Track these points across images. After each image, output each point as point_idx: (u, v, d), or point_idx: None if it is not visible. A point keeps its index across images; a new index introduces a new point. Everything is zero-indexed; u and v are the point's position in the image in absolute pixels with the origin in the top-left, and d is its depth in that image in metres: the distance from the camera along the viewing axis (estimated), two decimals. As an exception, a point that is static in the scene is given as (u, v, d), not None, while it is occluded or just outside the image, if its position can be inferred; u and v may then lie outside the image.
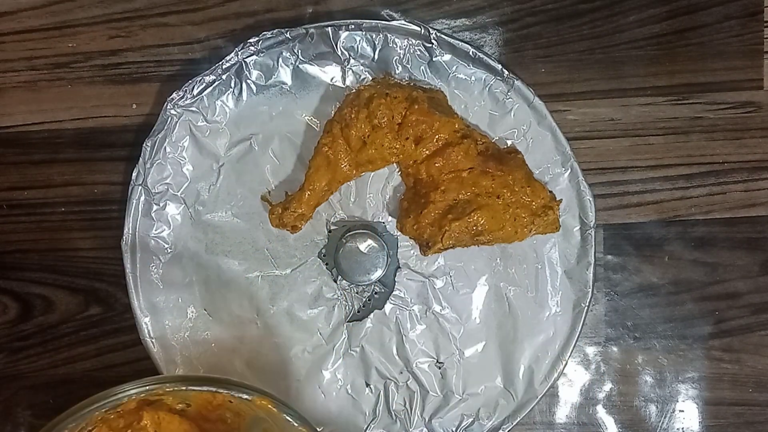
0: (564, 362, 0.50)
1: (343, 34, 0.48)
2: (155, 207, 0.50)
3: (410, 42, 0.49)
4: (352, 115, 0.47)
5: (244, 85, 0.49)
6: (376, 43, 0.49)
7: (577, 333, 0.50)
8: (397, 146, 0.47)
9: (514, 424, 0.50)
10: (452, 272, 0.51)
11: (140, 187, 0.49)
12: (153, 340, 0.50)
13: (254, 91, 0.49)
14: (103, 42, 0.52)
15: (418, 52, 0.49)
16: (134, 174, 0.49)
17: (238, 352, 0.51)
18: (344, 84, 0.50)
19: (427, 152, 0.48)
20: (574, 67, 0.51)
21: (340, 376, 0.51)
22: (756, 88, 0.51)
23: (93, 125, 0.52)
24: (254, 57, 0.49)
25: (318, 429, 0.51)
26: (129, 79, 0.52)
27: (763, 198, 0.52)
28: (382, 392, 0.51)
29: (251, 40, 0.48)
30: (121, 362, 0.53)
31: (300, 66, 0.49)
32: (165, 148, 0.49)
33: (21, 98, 0.52)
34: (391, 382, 0.51)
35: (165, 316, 0.51)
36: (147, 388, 0.43)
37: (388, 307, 0.51)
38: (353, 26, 0.48)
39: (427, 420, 0.51)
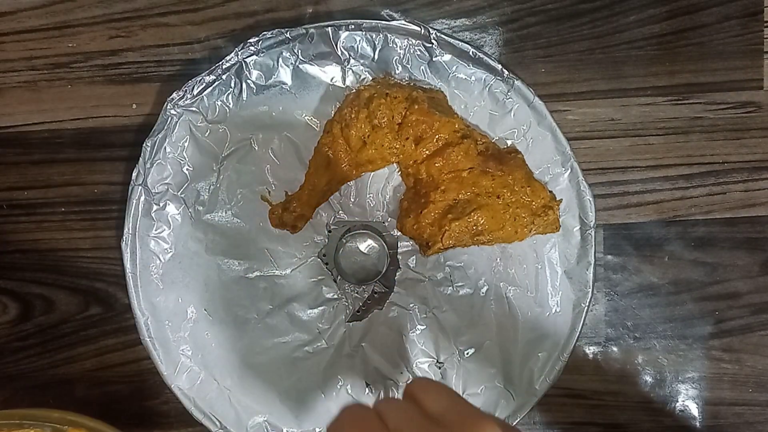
0: (564, 362, 0.50)
1: (343, 34, 0.48)
2: (155, 207, 0.50)
3: (410, 42, 0.49)
4: (352, 115, 0.47)
5: (244, 85, 0.49)
6: (376, 43, 0.49)
7: (577, 333, 0.50)
8: (397, 146, 0.47)
9: (514, 424, 0.50)
10: (452, 272, 0.51)
11: (140, 187, 0.49)
12: (153, 340, 0.50)
13: (254, 91, 0.49)
14: (103, 42, 0.52)
15: (418, 52, 0.49)
16: (134, 174, 0.49)
17: (238, 352, 0.51)
18: (344, 84, 0.50)
19: (427, 152, 0.48)
20: (574, 67, 0.51)
21: (340, 376, 0.51)
22: (756, 88, 0.51)
23: (93, 125, 0.52)
24: (254, 57, 0.49)
25: (317, 429, 0.51)
26: (129, 79, 0.52)
27: (763, 198, 0.52)
28: (382, 392, 0.51)
29: (251, 40, 0.48)
30: (121, 362, 0.53)
31: (300, 66, 0.49)
32: (165, 148, 0.49)
33: (21, 98, 0.52)
34: (391, 382, 0.51)
35: (165, 316, 0.51)
36: None
37: (388, 307, 0.51)
38: (353, 26, 0.48)
39: (427, 420, 0.51)
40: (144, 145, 0.49)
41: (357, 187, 0.50)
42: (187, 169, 0.50)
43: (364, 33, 0.49)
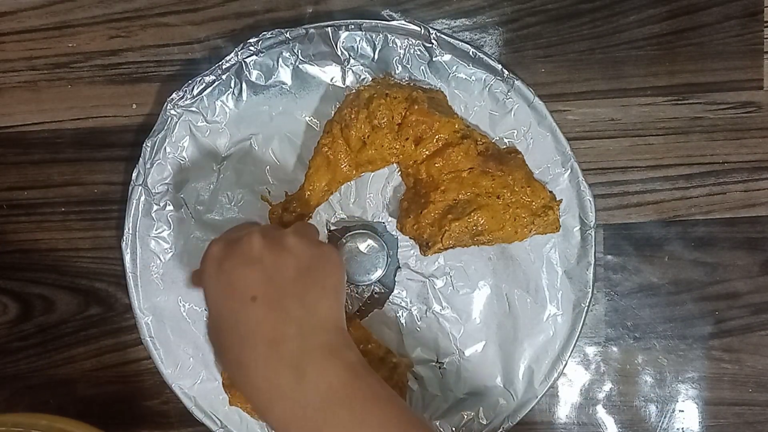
0: (564, 362, 0.50)
1: (343, 34, 0.48)
2: (155, 207, 0.50)
3: (410, 42, 0.49)
4: (352, 116, 0.47)
5: (244, 85, 0.49)
6: (376, 43, 0.49)
7: (577, 333, 0.50)
8: (397, 146, 0.47)
9: (514, 424, 0.50)
10: (452, 272, 0.51)
11: (140, 187, 0.49)
12: (153, 340, 0.50)
13: (254, 91, 0.49)
14: (103, 42, 0.52)
15: (418, 52, 0.49)
16: (134, 174, 0.49)
17: (238, 352, 0.51)
18: (344, 84, 0.50)
19: (427, 152, 0.48)
20: (574, 67, 0.51)
21: (340, 376, 0.51)
22: (756, 88, 0.51)
23: (93, 125, 0.52)
24: (254, 57, 0.49)
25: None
26: (129, 79, 0.52)
27: (763, 198, 0.52)
28: (382, 392, 0.51)
29: (251, 40, 0.48)
30: (121, 362, 0.53)
31: (300, 66, 0.49)
32: (165, 148, 0.49)
33: (21, 98, 0.52)
34: (391, 382, 0.51)
35: (165, 316, 0.51)
36: None
37: (388, 307, 0.51)
38: (353, 26, 0.48)
39: (427, 420, 0.51)
40: (144, 145, 0.49)
41: (357, 187, 0.50)
42: (187, 169, 0.50)
43: (364, 33, 0.49)
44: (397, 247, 0.51)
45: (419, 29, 0.48)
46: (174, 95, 0.49)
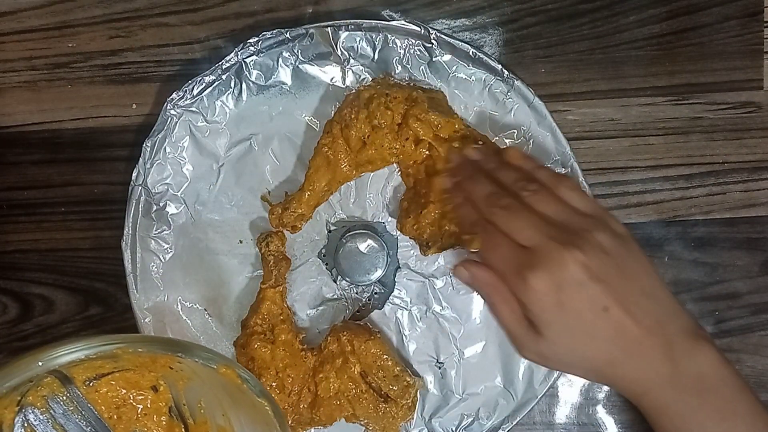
0: (564, 362, 0.50)
1: (343, 34, 0.48)
2: (155, 207, 0.50)
3: (410, 42, 0.49)
4: (352, 116, 0.47)
5: (244, 85, 0.49)
6: (376, 43, 0.49)
7: (577, 333, 0.50)
8: (397, 147, 0.47)
9: (514, 424, 0.50)
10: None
11: (140, 187, 0.49)
12: (153, 340, 0.50)
13: (254, 91, 0.49)
14: (103, 42, 0.52)
15: (418, 52, 0.49)
16: (134, 174, 0.49)
17: (238, 352, 0.51)
18: (344, 84, 0.50)
19: (427, 152, 0.48)
20: (574, 67, 0.51)
21: (340, 376, 0.51)
22: (756, 88, 0.51)
23: (93, 125, 0.52)
24: (254, 57, 0.49)
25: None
26: (129, 79, 0.52)
27: (763, 198, 0.52)
28: (382, 392, 0.51)
29: (251, 40, 0.48)
30: (121, 362, 0.53)
31: (300, 66, 0.49)
32: (165, 148, 0.49)
33: (21, 98, 0.52)
34: (391, 382, 0.51)
35: (165, 316, 0.51)
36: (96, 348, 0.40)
37: (388, 307, 0.51)
38: (353, 26, 0.48)
39: (427, 419, 0.51)
40: (144, 145, 0.49)
41: (357, 187, 0.50)
42: (187, 169, 0.50)
43: (364, 33, 0.49)
44: (397, 247, 0.51)
45: (419, 29, 0.48)
46: (174, 95, 0.49)
